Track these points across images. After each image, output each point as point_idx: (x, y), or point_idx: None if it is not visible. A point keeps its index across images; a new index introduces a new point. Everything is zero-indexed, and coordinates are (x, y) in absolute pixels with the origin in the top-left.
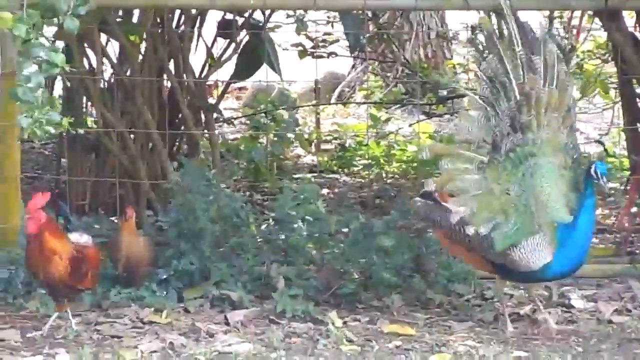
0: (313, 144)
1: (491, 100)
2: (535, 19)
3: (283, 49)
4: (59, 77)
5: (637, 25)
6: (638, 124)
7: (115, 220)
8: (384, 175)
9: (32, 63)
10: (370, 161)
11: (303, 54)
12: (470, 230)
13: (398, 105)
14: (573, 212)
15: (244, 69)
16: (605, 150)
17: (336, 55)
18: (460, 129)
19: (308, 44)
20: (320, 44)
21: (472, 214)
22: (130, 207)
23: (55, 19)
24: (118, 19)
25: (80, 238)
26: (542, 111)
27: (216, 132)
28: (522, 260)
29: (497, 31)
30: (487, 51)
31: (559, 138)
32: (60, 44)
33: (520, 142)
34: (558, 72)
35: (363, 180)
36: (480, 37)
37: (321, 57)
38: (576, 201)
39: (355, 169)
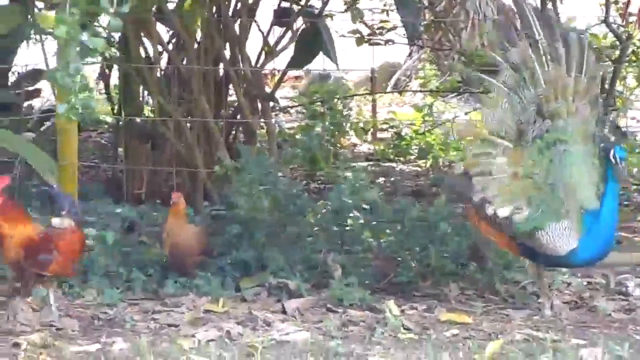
0: (369, 133)
1: (515, 87)
2: (593, 6)
3: (340, 36)
4: (115, 66)
5: None
6: None
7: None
8: (440, 163)
9: (74, 48)
10: (425, 149)
11: (360, 40)
12: (490, 211)
13: (454, 94)
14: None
15: (301, 57)
16: (624, 134)
17: (393, 42)
18: (485, 115)
19: (365, 32)
20: (377, 31)
21: (493, 195)
22: (177, 192)
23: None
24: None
25: (61, 223)
26: (570, 99)
27: (272, 120)
28: (549, 243)
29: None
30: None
31: (588, 126)
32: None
33: (548, 128)
34: (586, 61)
35: (419, 169)
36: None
37: (378, 44)
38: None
39: (411, 157)
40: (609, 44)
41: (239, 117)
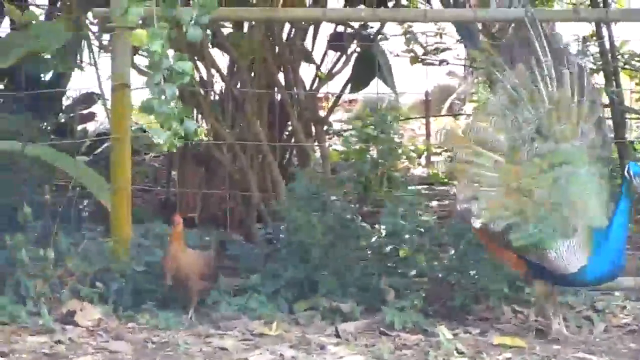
0: (423, 156)
1: (510, 106)
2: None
3: (394, 56)
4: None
5: None
6: None
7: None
8: None
9: (161, 74)
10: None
11: (414, 60)
12: (478, 224)
13: None
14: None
15: (356, 81)
16: (635, 149)
17: (447, 63)
18: (475, 127)
19: (420, 52)
20: (432, 52)
21: (481, 208)
22: (177, 214)
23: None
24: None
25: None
26: (574, 121)
27: (326, 144)
28: (558, 261)
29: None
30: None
31: (594, 149)
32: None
33: (551, 149)
34: (586, 86)
35: None
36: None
37: (432, 64)
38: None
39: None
40: None
41: (293, 140)
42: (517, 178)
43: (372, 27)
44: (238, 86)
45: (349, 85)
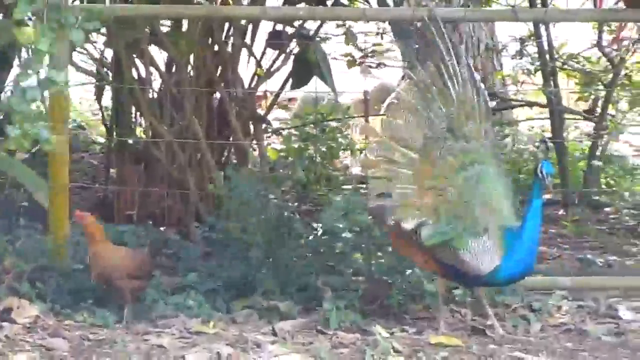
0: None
1: (423, 104)
2: (586, 30)
3: (332, 59)
4: (107, 87)
5: None
6: None
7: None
8: None
9: (32, 76)
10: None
11: (352, 63)
12: (391, 221)
13: None
14: (518, 216)
15: (295, 80)
16: (548, 148)
17: (385, 65)
18: (389, 123)
19: (358, 55)
20: (369, 55)
21: (393, 204)
22: (78, 210)
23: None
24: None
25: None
26: (478, 121)
27: (265, 142)
28: (471, 262)
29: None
30: (426, 58)
31: (495, 147)
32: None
33: (462, 148)
34: (480, 86)
35: None
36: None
37: (370, 67)
38: (516, 206)
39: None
40: (602, 68)
41: (231, 139)
42: (430, 176)
43: (311, 29)
44: (177, 84)
45: (288, 84)
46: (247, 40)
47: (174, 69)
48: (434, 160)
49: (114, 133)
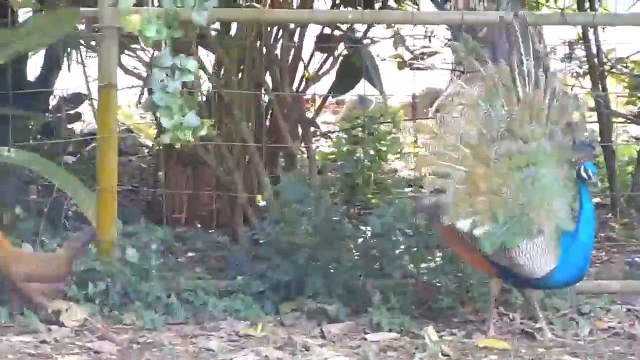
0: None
1: (486, 100)
2: (634, 34)
3: (381, 60)
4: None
5: None
6: None
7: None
8: None
9: (164, 72)
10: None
11: (402, 64)
12: (446, 221)
13: None
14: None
15: (343, 83)
16: (594, 149)
17: (434, 67)
18: (450, 121)
19: (407, 56)
20: (419, 56)
21: (447, 203)
22: None
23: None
24: (215, 32)
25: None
26: (544, 123)
27: (313, 145)
28: (526, 265)
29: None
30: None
31: (562, 151)
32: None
33: (520, 149)
34: (557, 91)
35: None
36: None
37: (419, 69)
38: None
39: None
40: None
41: (279, 142)
42: (485, 175)
43: (359, 31)
44: (225, 87)
45: (336, 87)
46: (296, 43)
47: (222, 72)
48: (489, 159)
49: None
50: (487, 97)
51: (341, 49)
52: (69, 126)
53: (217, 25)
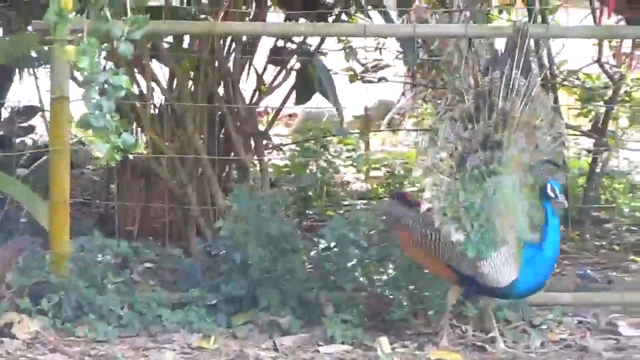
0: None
1: (472, 113)
2: (586, 46)
3: (333, 73)
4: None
5: None
6: None
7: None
8: None
9: (97, 89)
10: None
11: (353, 78)
12: (434, 229)
13: None
14: (537, 231)
15: (298, 96)
16: (557, 165)
17: (386, 80)
18: (444, 132)
19: (359, 69)
20: (371, 69)
21: (439, 210)
22: None
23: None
24: (168, 45)
25: None
26: (513, 130)
27: (265, 158)
28: (490, 274)
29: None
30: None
31: (523, 157)
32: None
33: (487, 159)
34: (535, 93)
35: None
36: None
37: (371, 82)
38: (540, 221)
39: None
40: (602, 84)
41: (232, 154)
42: (461, 185)
43: (311, 45)
44: (178, 99)
45: (289, 100)
46: (249, 56)
47: (175, 85)
48: (465, 172)
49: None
50: (468, 115)
51: (294, 61)
52: (22, 139)
53: (170, 38)
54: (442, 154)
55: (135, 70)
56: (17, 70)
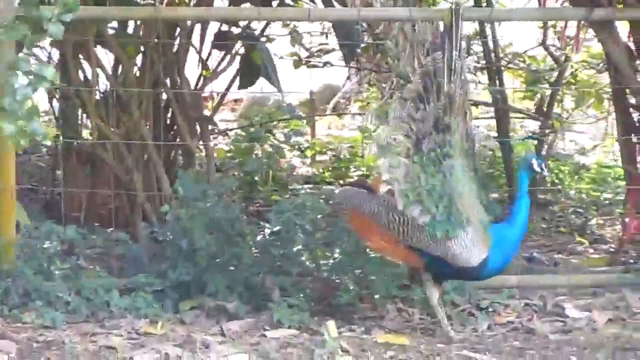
0: (308, 155)
1: (422, 96)
2: (531, 29)
3: (279, 58)
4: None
5: (630, 35)
6: (632, 134)
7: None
8: None
9: (22, 76)
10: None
11: (298, 63)
12: (398, 211)
13: None
14: (488, 210)
15: (241, 81)
16: (538, 139)
17: (331, 65)
18: (395, 112)
19: (304, 54)
20: (316, 54)
21: (401, 192)
22: None
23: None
24: (113, 31)
25: None
26: (456, 113)
27: (211, 143)
28: (462, 254)
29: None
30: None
31: (463, 141)
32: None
33: (440, 142)
34: (464, 76)
35: None
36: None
37: (316, 66)
38: (488, 199)
39: (351, 179)
40: (548, 67)
41: (177, 140)
42: (422, 170)
43: (256, 30)
44: (123, 85)
45: (234, 84)
46: (194, 41)
47: (120, 70)
48: (423, 152)
49: (61, 135)
50: (424, 92)
51: (239, 46)
52: None
53: (114, 24)
54: (396, 134)
55: (80, 56)
56: None
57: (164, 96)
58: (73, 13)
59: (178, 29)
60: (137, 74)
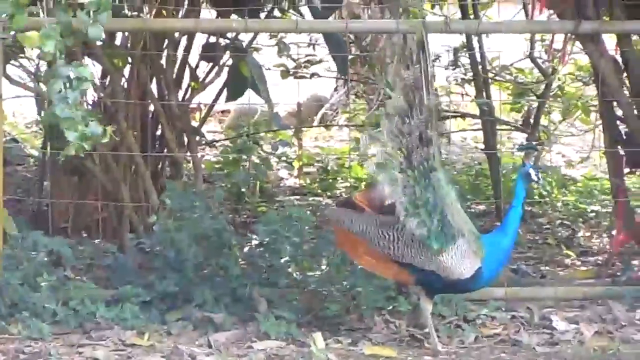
0: (296, 167)
1: (407, 111)
2: (518, 41)
3: (266, 69)
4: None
5: (617, 48)
6: (618, 147)
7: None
8: None
9: (61, 81)
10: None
11: (285, 74)
12: (393, 229)
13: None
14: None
15: (231, 92)
16: (536, 150)
17: (319, 76)
18: (385, 127)
19: (291, 65)
20: (303, 65)
21: (401, 205)
22: None
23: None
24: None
25: None
26: (432, 126)
27: (199, 155)
28: (453, 267)
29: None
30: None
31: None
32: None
33: (426, 155)
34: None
35: None
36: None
37: (303, 77)
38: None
39: (338, 191)
40: (535, 79)
41: (165, 151)
42: (415, 183)
43: (244, 41)
44: (110, 96)
45: (222, 96)
46: (182, 52)
47: (107, 82)
48: (413, 165)
49: (48, 146)
50: (409, 107)
51: (226, 58)
52: None
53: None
54: (388, 149)
55: None
56: None
57: (152, 107)
58: (107, 12)
59: (166, 41)
60: (125, 85)
